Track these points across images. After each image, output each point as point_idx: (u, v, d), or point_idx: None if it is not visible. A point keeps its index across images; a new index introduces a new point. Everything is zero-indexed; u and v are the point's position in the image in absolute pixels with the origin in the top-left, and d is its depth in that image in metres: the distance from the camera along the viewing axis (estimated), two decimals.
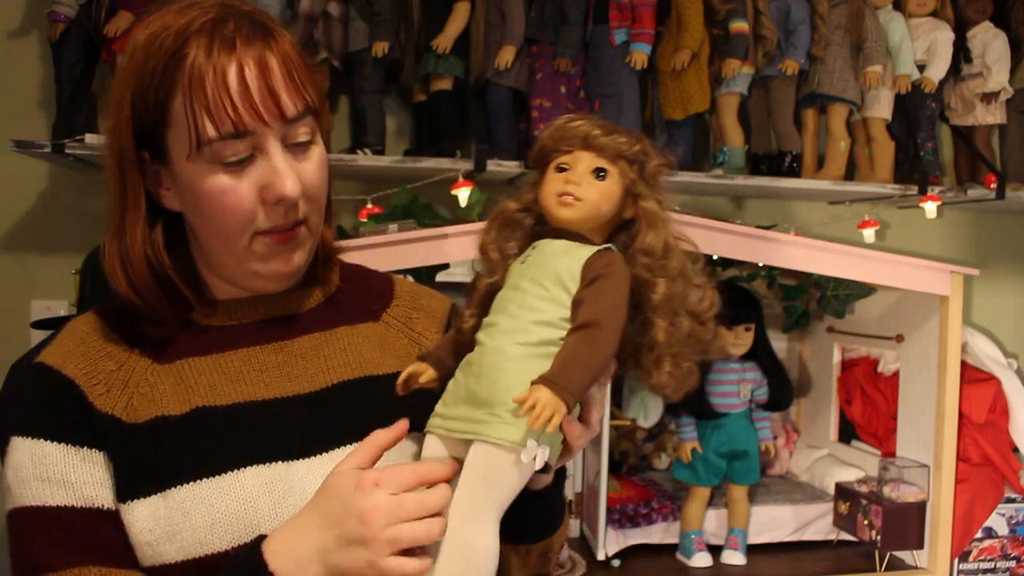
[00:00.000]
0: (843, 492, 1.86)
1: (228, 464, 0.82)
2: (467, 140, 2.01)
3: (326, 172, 0.87)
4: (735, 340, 1.82)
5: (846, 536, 1.87)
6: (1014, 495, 1.88)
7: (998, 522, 1.87)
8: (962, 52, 2.20)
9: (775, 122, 2.13)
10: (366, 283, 1.01)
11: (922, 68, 2.15)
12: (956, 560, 1.84)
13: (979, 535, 1.86)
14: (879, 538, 1.74)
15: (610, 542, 1.76)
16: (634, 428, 2.15)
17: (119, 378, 0.84)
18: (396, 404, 0.85)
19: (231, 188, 0.80)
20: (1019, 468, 1.89)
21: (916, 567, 1.79)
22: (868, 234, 2.17)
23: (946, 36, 2.15)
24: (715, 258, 2.02)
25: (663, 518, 1.83)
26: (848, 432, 2.11)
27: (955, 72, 2.22)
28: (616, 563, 1.76)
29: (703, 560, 1.77)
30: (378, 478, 0.75)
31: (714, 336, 0.86)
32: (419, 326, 0.98)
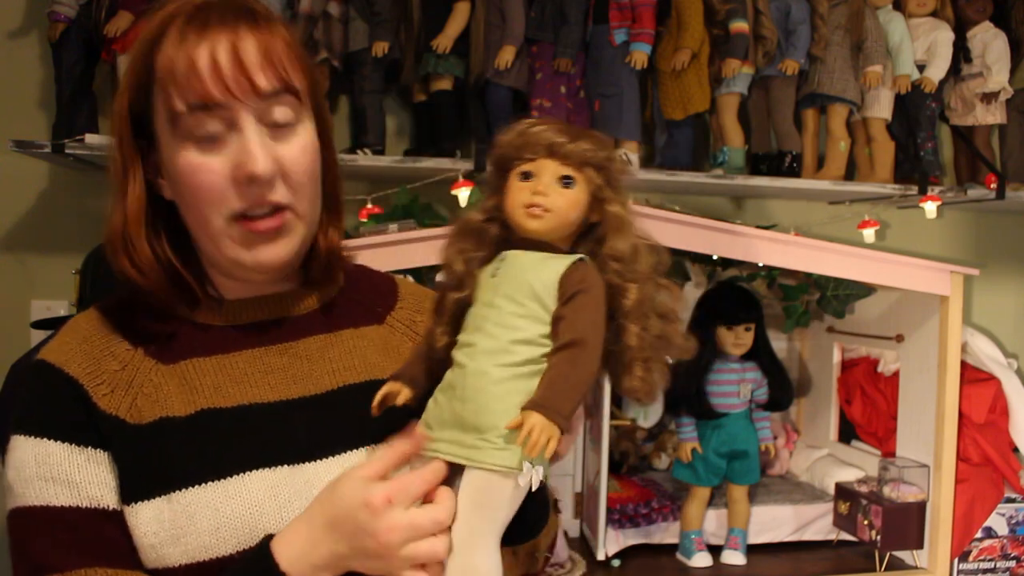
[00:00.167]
0: (843, 492, 1.86)
1: (233, 468, 0.81)
2: (467, 140, 2.01)
3: (312, 158, 0.85)
4: (735, 340, 1.82)
5: (846, 536, 1.87)
6: (1014, 495, 1.88)
7: (998, 522, 1.87)
8: (962, 52, 2.20)
9: (775, 122, 2.13)
10: (370, 284, 1.00)
11: (922, 68, 2.15)
12: (956, 560, 1.84)
13: (979, 535, 1.86)
14: (879, 538, 1.74)
15: (610, 542, 1.76)
16: (634, 428, 2.15)
17: (123, 378, 0.84)
18: (400, 409, 0.84)
19: (202, 165, 0.80)
20: (1019, 468, 1.89)
21: (916, 567, 1.79)
22: (868, 234, 2.17)
23: (946, 36, 2.15)
24: (715, 258, 2.03)
25: (663, 518, 1.83)
26: (848, 432, 2.11)
27: (955, 72, 2.22)
28: (616, 563, 1.76)
29: (703, 560, 1.77)
30: (389, 495, 0.75)
31: (683, 336, 0.84)
32: (423, 329, 0.98)
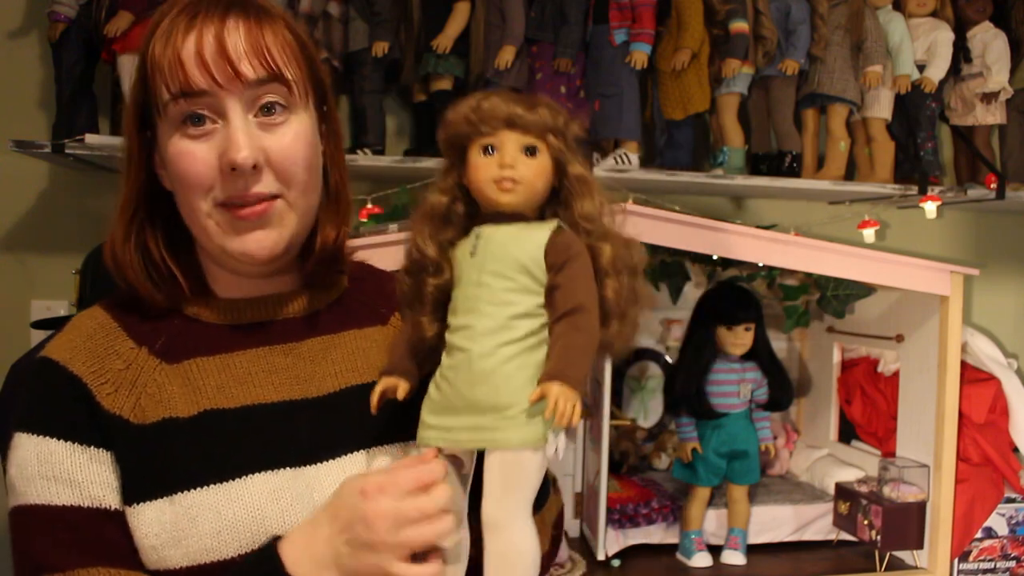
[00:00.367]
0: (843, 492, 1.86)
1: (236, 470, 0.81)
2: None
3: (307, 148, 0.85)
4: (735, 340, 1.81)
5: (846, 536, 1.87)
6: (1014, 495, 1.88)
7: (998, 522, 1.87)
8: (962, 52, 2.20)
9: (775, 122, 2.13)
10: (374, 284, 1.00)
11: (922, 68, 2.15)
12: (956, 560, 1.84)
13: (979, 535, 1.86)
14: (879, 538, 1.74)
15: (610, 542, 1.76)
16: (634, 428, 2.15)
17: (127, 378, 0.83)
18: (404, 412, 0.84)
19: (189, 152, 0.81)
20: (1019, 468, 1.89)
21: (916, 567, 1.79)
22: (868, 234, 2.17)
23: (946, 36, 2.15)
24: (715, 258, 2.03)
25: (663, 518, 1.83)
26: (848, 432, 2.11)
27: (955, 72, 2.21)
28: (616, 563, 1.76)
29: (703, 560, 1.77)
30: (381, 484, 0.76)
31: (646, 288, 0.86)
32: None
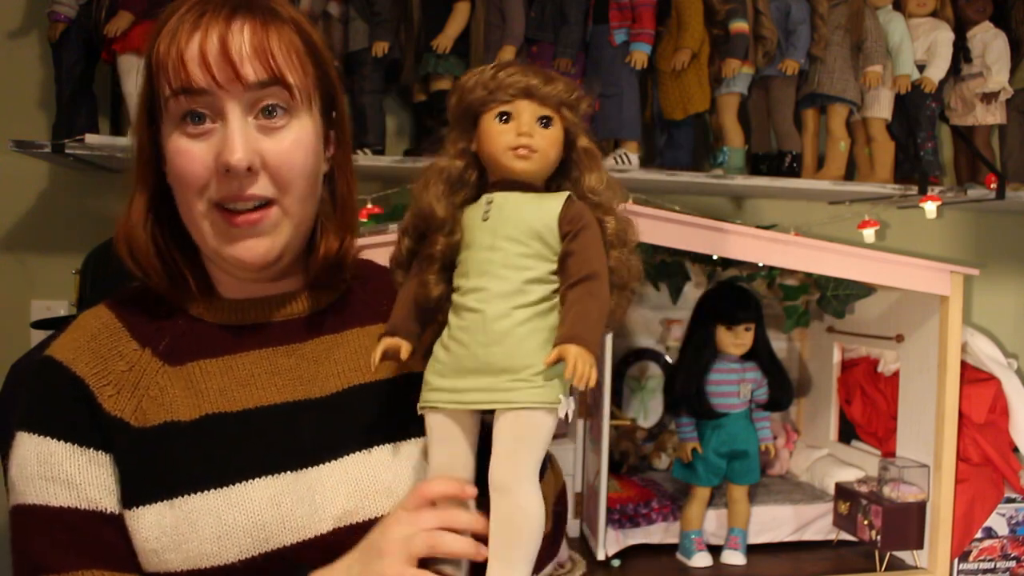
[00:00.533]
0: (843, 492, 1.86)
1: (237, 475, 0.81)
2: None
3: (306, 155, 0.84)
4: (735, 340, 1.81)
5: (846, 536, 1.87)
6: (1014, 495, 1.88)
7: (998, 522, 1.87)
8: (962, 52, 2.20)
9: (775, 122, 2.12)
10: (376, 281, 0.99)
11: (922, 68, 2.15)
12: (956, 560, 1.84)
13: (979, 535, 1.86)
14: (879, 538, 1.74)
15: (610, 542, 1.76)
16: (634, 428, 2.15)
17: (129, 380, 0.83)
18: (408, 410, 0.84)
19: (186, 150, 0.81)
20: (1019, 468, 1.89)
21: (916, 567, 1.79)
22: (868, 234, 2.17)
23: (946, 36, 2.15)
24: (715, 258, 2.03)
25: (663, 518, 1.83)
26: (848, 432, 2.11)
27: (955, 72, 2.21)
28: (616, 563, 1.76)
29: (703, 560, 1.77)
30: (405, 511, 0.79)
31: (639, 263, 0.87)
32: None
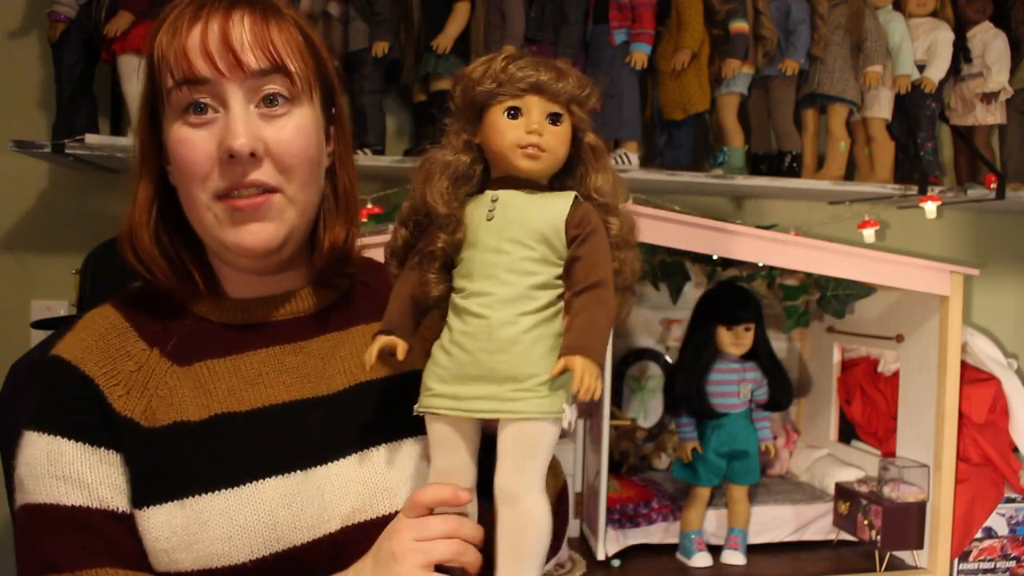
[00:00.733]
0: (843, 492, 1.86)
1: (247, 475, 0.81)
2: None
3: (308, 142, 0.85)
4: (735, 340, 1.81)
5: (846, 536, 1.87)
6: (1014, 495, 1.88)
7: (998, 522, 1.87)
8: (962, 52, 2.20)
9: (775, 122, 2.12)
10: (380, 279, 0.99)
11: (922, 68, 2.15)
12: (956, 560, 1.84)
13: (979, 535, 1.86)
14: (879, 538, 1.74)
15: (610, 542, 1.76)
16: (634, 428, 2.15)
17: (139, 380, 0.84)
18: (408, 405, 0.84)
19: (188, 139, 0.81)
20: (1019, 468, 1.89)
21: (916, 567, 1.79)
22: (868, 234, 2.17)
23: (946, 36, 2.15)
24: (715, 258, 2.03)
25: (663, 518, 1.83)
26: (848, 432, 2.11)
27: (955, 72, 2.21)
28: (616, 563, 1.76)
29: (703, 560, 1.77)
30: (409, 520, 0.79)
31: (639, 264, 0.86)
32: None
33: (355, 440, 0.86)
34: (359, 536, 0.83)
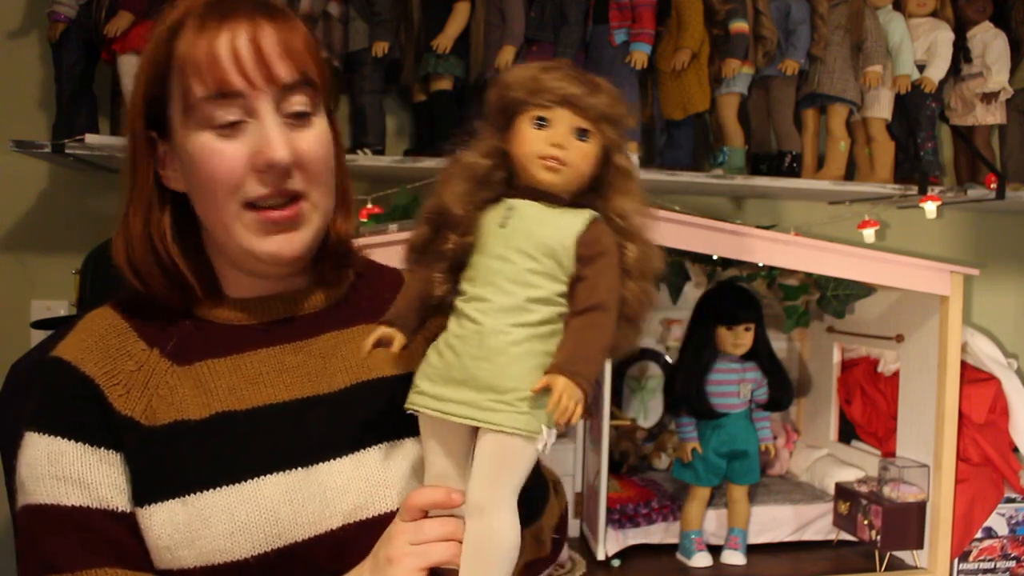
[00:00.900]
0: (843, 492, 1.86)
1: (249, 471, 0.81)
2: (467, 140, 2.01)
3: (328, 149, 0.86)
4: (735, 340, 1.81)
5: (846, 536, 1.87)
6: (1014, 495, 1.88)
7: (998, 522, 1.87)
8: (962, 52, 2.20)
9: (775, 122, 2.13)
10: (380, 279, 1.00)
11: (922, 68, 2.15)
12: (956, 560, 1.84)
13: (979, 535, 1.86)
14: (879, 538, 1.74)
15: (610, 542, 1.76)
16: (634, 428, 2.15)
17: (139, 380, 0.84)
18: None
19: (219, 150, 0.80)
20: (1019, 468, 1.89)
21: (916, 567, 1.79)
22: (868, 234, 2.17)
23: (946, 36, 2.15)
24: (715, 258, 2.03)
25: (663, 518, 1.83)
26: (848, 432, 2.11)
27: (955, 72, 2.22)
28: (616, 563, 1.76)
29: (703, 560, 1.77)
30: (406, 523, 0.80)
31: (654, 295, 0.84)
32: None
33: (356, 438, 0.86)
34: (360, 533, 0.83)
